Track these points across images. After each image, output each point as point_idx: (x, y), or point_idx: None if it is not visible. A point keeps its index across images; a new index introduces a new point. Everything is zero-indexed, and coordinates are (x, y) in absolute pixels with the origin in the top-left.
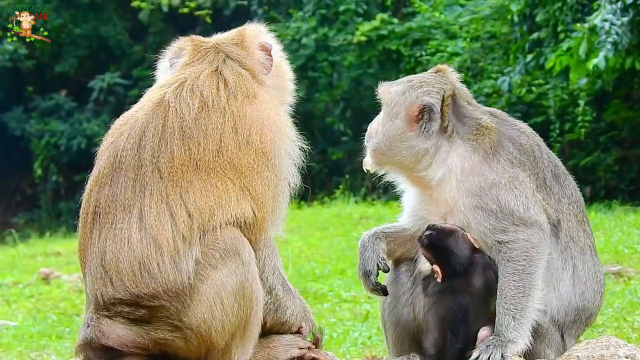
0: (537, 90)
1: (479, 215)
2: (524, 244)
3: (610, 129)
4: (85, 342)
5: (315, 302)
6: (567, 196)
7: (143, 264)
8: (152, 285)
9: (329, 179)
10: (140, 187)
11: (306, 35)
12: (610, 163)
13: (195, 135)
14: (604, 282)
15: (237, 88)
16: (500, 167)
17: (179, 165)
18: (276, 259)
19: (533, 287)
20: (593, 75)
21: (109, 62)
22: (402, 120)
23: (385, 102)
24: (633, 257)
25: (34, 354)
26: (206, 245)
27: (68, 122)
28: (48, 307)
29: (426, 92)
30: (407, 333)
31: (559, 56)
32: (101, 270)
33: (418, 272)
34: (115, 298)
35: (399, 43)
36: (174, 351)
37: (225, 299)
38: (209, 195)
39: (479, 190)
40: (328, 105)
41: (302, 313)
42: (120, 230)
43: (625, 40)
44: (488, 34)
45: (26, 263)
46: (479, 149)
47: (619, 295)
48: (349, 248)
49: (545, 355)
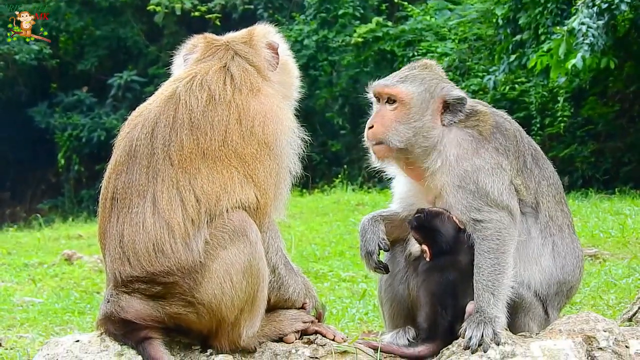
0: (520, 88)
1: (459, 194)
2: (496, 224)
3: (587, 123)
4: (105, 316)
5: (316, 281)
6: (546, 178)
7: (157, 245)
8: (166, 264)
9: (328, 169)
10: (153, 174)
11: (308, 36)
12: (587, 155)
13: (202, 126)
14: (582, 258)
15: (242, 83)
16: (488, 154)
17: (187, 154)
18: (279, 241)
19: (507, 265)
20: (571, 74)
21: (126, 61)
22: (431, 115)
23: (406, 101)
24: (608, 241)
25: (58, 328)
26: (215, 227)
27: (89, 116)
28: (71, 285)
29: (449, 87)
30: (403, 308)
31: (540, 56)
32: (120, 251)
33: (408, 254)
34: (133, 276)
35: (393, 44)
36: (188, 325)
37: (234, 276)
38: (215, 182)
39: (464, 173)
40: (328, 102)
41: (305, 290)
42: (136, 215)
43: (601, 42)
44: (475, 35)
45: (50, 245)
46: (474, 135)
47: (595, 275)
48: (347, 232)
49: (529, 328)
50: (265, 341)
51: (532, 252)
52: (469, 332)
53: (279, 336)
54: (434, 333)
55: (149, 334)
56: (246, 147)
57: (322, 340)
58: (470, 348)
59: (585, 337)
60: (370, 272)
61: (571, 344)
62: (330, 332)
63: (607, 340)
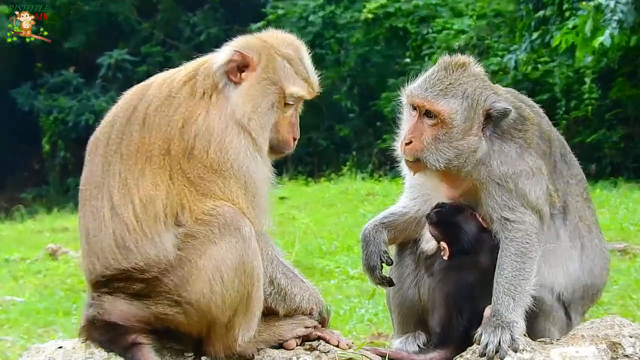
0: (543, 68)
1: (495, 189)
2: (528, 227)
3: (615, 106)
4: (88, 321)
5: (322, 278)
6: (574, 176)
7: (118, 241)
8: (133, 260)
9: (335, 155)
10: (107, 166)
11: (314, 12)
12: (616, 140)
13: (151, 126)
14: (609, 258)
15: (200, 88)
16: (531, 159)
17: (134, 152)
18: (272, 249)
19: (532, 271)
20: (598, 53)
21: (117, 38)
22: (474, 131)
23: (448, 120)
24: (639, 234)
25: (41, 330)
26: (201, 222)
27: (76, 98)
28: (55, 283)
29: (492, 97)
30: (413, 314)
31: (564, 34)
32: (87, 248)
33: (421, 252)
34: (105, 275)
35: (406, 20)
36: (176, 326)
37: (225, 274)
38: (160, 189)
39: (505, 174)
40: (335, 82)
41: (313, 296)
42: (96, 209)
43: (631, 18)
44: (494, 11)
45: (33, 239)
46: (521, 144)
47: (625, 272)
48: (355, 225)
49: (549, 333)
50: (264, 347)
51: (559, 255)
52: (485, 338)
53: (279, 342)
54: (448, 338)
55: (137, 338)
56: (191, 169)
57: (325, 347)
58: (487, 355)
59: (609, 343)
60: (374, 286)
61: (594, 351)
62: (334, 337)
63: (634, 346)
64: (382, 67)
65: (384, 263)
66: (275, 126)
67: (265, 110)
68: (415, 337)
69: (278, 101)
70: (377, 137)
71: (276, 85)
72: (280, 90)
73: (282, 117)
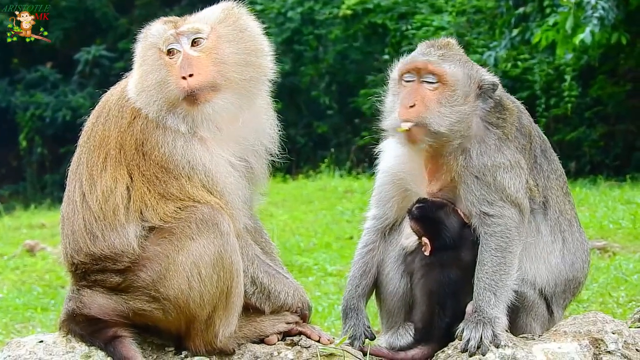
0: (523, 65)
1: (473, 182)
2: (507, 221)
3: (596, 104)
4: (68, 315)
5: (300, 275)
6: (554, 171)
7: (88, 226)
8: (99, 246)
9: (313, 152)
10: (80, 155)
11: (292, 8)
12: (596, 138)
13: (110, 119)
14: (589, 251)
15: None
16: (510, 152)
17: (97, 145)
18: (251, 249)
19: (512, 266)
20: (579, 50)
21: (94, 34)
22: (471, 100)
23: (450, 83)
24: (618, 232)
25: (19, 325)
26: (178, 218)
27: (53, 94)
28: (33, 279)
29: (483, 71)
30: (403, 304)
31: (545, 31)
32: (62, 231)
33: (401, 248)
34: (81, 261)
35: (385, 17)
36: (154, 322)
37: (202, 270)
38: (120, 184)
39: (483, 167)
40: (313, 79)
41: (297, 292)
42: (71, 193)
43: (612, 15)
44: (474, 8)
45: (11, 235)
46: (499, 136)
47: (604, 270)
48: (333, 222)
49: (531, 328)
50: (245, 343)
51: (541, 249)
52: (467, 333)
53: (260, 337)
54: (430, 334)
55: (118, 332)
56: (147, 168)
57: (306, 342)
58: (468, 351)
59: (592, 339)
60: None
61: (577, 347)
62: (315, 333)
63: (616, 342)
64: (361, 64)
65: (367, 338)
66: (166, 79)
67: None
68: (406, 330)
69: (158, 56)
70: (356, 134)
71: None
72: (155, 46)
73: (168, 69)
